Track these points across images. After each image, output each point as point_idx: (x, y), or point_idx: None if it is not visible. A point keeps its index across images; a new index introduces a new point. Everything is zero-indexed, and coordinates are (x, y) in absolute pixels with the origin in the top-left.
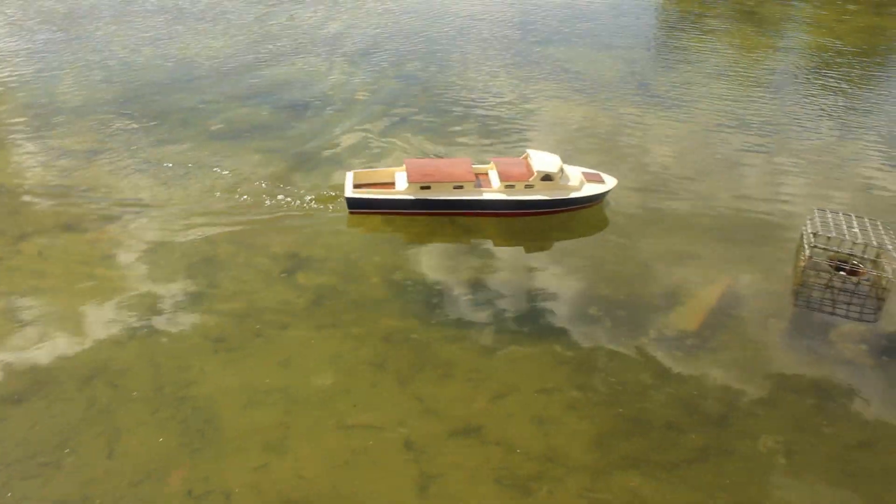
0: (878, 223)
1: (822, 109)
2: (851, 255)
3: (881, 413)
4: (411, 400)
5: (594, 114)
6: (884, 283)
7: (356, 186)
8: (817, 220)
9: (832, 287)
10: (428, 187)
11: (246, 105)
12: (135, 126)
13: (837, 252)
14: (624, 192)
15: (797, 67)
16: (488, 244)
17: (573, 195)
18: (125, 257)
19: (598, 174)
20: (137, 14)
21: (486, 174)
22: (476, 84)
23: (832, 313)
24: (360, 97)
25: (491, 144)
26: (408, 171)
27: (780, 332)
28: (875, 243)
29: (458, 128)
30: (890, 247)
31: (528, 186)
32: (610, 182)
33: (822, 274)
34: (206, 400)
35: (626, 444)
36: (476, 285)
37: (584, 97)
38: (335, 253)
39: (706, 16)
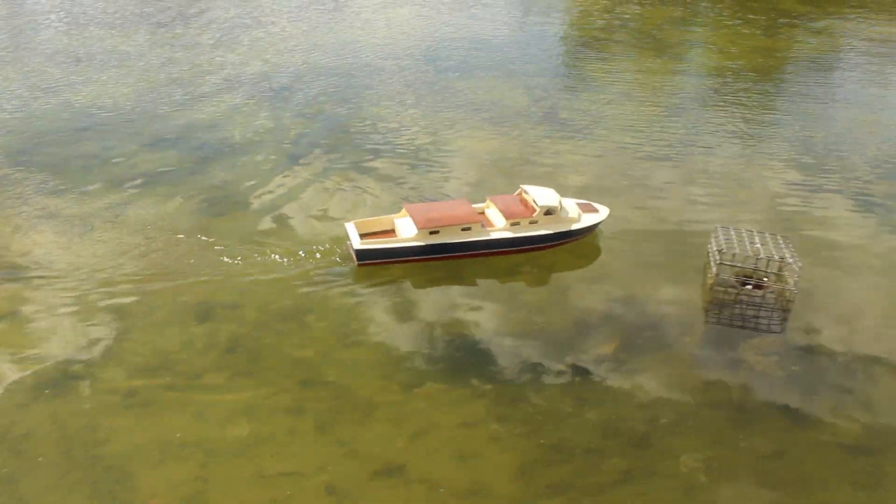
0: (778, 237)
1: (723, 128)
2: (756, 269)
3: (791, 421)
4: (331, 444)
5: (505, 143)
6: (787, 294)
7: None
8: (721, 237)
9: (740, 302)
10: (437, 232)
11: (153, 151)
12: (32, 178)
13: (742, 267)
14: None
15: (697, 89)
16: (405, 284)
17: (574, 227)
18: (25, 315)
19: (590, 203)
20: (30, 61)
21: (484, 213)
22: (389, 120)
23: (742, 327)
24: (271, 138)
25: (409, 180)
26: (414, 217)
27: (694, 349)
28: (777, 257)
29: (375, 164)
30: (790, 259)
31: (532, 222)
32: (603, 211)
33: (730, 290)
34: (119, 458)
35: (550, 472)
36: (393, 324)
37: (494, 127)
38: (247, 299)
39: (608, 42)
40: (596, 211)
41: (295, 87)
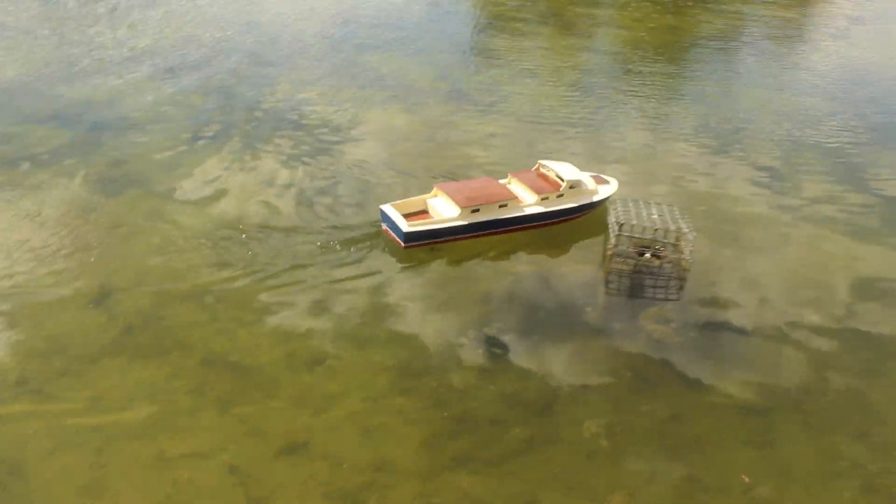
0: (675, 208)
1: (629, 104)
2: (654, 240)
3: (689, 386)
4: (234, 423)
5: (413, 120)
6: (684, 264)
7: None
8: (619, 209)
9: (639, 272)
10: (478, 210)
11: (46, 129)
12: None
13: (640, 238)
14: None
15: (604, 66)
16: (307, 264)
17: (594, 198)
18: None
19: (600, 176)
20: None
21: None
22: (296, 97)
23: (640, 296)
24: (173, 116)
25: (318, 157)
26: (453, 197)
27: (595, 318)
28: (673, 227)
29: (283, 141)
30: (686, 230)
31: (559, 196)
32: (613, 182)
33: (629, 260)
34: (8, 449)
35: (454, 444)
36: (295, 303)
37: (401, 104)
38: (146, 280)
39: (516, 21)
40: (607, 182)
41: (197, 64)
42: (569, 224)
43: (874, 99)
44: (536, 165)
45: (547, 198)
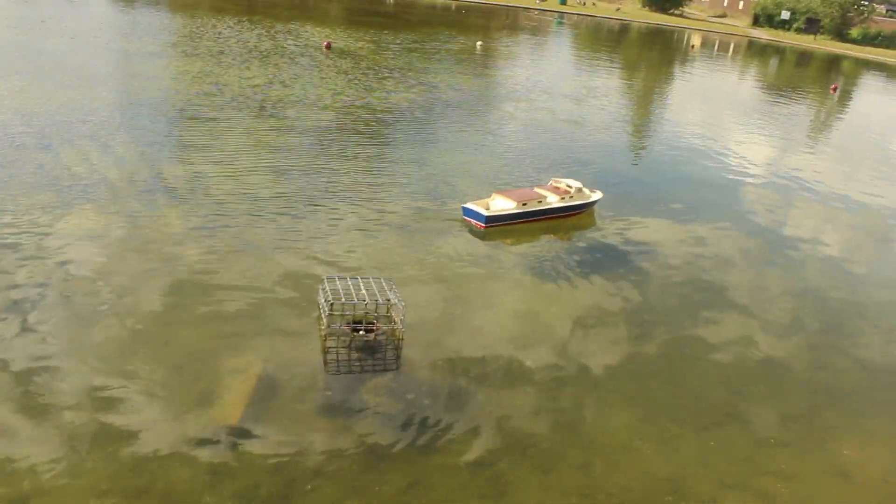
0: (382, 280)
1: (336, 181)
2: (366, 314)
3: (420, 452)
4: None
5: (112, 219)
6: (398, 333)
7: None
8: (328, 287)
9: (355, 348)
10: (525, 204)
11: None
12: None
13: (353, 315)
14: (153, 289)
15: (306, 144)
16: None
17: (591, 199)
18: None
19: (592, 189)
20: None
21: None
22: None
23: (361, 372)
24: None
25: (14, 278)
26: (509, 196)
27: (318, 402)
28: (382, 300)
29: None
30: (395, 300)
31: (570, 197)
32: (598, 192)
33: (343, 338)
34: None
35: None
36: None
37: (96, 204)
38: None
39: (206, 106)
40: (594, 192)
41: None
42: (282, 309)
43: (557, 152)
44: (551, 181)
45: (563, 198)
